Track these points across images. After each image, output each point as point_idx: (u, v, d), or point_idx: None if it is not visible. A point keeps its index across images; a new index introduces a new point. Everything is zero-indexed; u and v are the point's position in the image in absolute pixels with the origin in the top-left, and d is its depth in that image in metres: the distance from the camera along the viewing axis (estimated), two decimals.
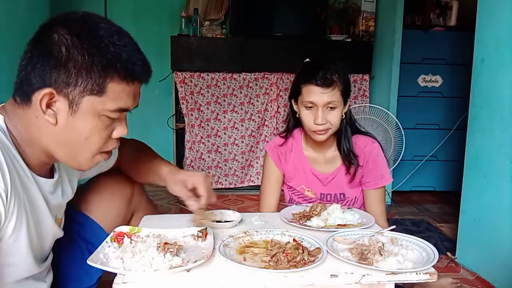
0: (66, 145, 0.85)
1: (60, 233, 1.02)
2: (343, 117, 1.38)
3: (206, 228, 1.05)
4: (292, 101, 1.44)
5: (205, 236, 1.01)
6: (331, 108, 1.33)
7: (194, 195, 1.09)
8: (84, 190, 1.21)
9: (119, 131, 0.88)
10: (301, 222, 1.17)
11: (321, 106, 1.31)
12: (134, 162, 1.21)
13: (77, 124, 0.81)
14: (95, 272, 1.12)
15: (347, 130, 1.42)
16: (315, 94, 1.31)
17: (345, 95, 1.36)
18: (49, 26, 0.80)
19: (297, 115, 1.41)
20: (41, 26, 0.81)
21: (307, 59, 1.43)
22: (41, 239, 0.93)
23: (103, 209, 1.18)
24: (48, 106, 0.80)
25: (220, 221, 1.15)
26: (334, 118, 1.34)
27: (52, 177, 0.95)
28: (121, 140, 1.23)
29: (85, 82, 0.78)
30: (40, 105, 0.79)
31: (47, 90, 0.78)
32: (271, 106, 3.14)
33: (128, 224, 1.24)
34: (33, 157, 0.87)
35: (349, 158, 1.42)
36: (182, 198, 1.09)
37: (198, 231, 1.04)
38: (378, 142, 1.47)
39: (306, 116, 1.35)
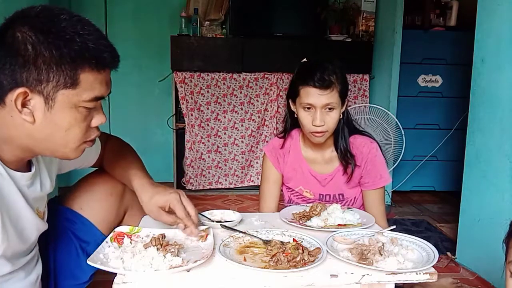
0: (46, 141, 0.84)
1: (44, 226, 1.01)
2: (341, 117, 1.38)
3: (208, 228, 1.05)
4: (290, 101, 1.43)
5: (206, 236, 1.01)
6: (329, 109, 1.32)
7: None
8: (76, 188, 1.21)
9: (98, 120, 0.89)
10: (301, 222, 1.17)
11: (319, 107, 1.31)
12: (112, 163, 1.21)
13: (55, 118, 0.81)
14: (89, 269, 1.12)
15: (344, 129, 1.42)
16: (313, 96, 1.30)
17: (343, 95, 1.35)
18: (9, 25, 0.78)
19: (295, 115, 1.40)
20: (0, 27, 0.80)
21: (304, 59, 1.43)
22: (21, 233, 0.93)
23: (95, 207, 1.18)
24: (24, 105, 0.79)
25: (220, 221, 1.15)
26: (332, 119, 1.33)
27: (29, 170, 0.95)
28: (105, 136, 1.22)
29: (57, 77, 0.78)
30: (16, 105, 0.78)
31: (20, 90, 0.77)
32: (271, 106, 3.14)
33: (121, 221, 1.25)
34: (9, 154, 0.87)
35: (346, 158, 1.41)
36: (168, 223, 1.06)
37: (201, 230, 1.04)
38: (377, 142, 1.46)
39: (305, 118, 1.35)
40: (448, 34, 3.12)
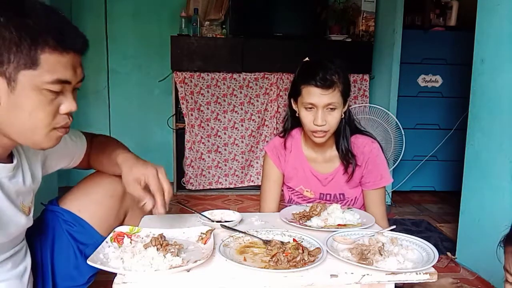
0: (14, 125, 0.83)
1: (28, 222, 1.00)
2: (343, 116, 1.38)
3: (209, 231, 1.04)
4: (291, 101, 1.43)
5: (206, 240, 1.00)
6: (331, 109, 1.32)
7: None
8: (75, 189, 1.20)
9: (66, 106, 0.86)
10: (301, 222, 1.17)
11: (321, 107, 1.30)
12: (99, 155, 1.20)
13: (19, 101, 0.81)
14: (87, 271, 1.13)
15: (346, 129, 1.42)
16: (315, 95, 1.30)
17: (345, 95, 1.35)
18: None
19: (297, 115, 1.40)
20: None
21: (306, 58, 1.42)
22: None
23: (94, 209, 1.17)
24: None
25: (220, 221, 1.15)
26: (334, 119, 1.33)
27: (11, 162, 0.94)
28: (90, 136, 1.22)
29: (17, 57, 0.78)
30: None
31: None
32: (271, 106, 3.14)
33: (122, 223, 1.24)
34: None
35: (347, 158, 1.41)
36: (137, 197, 1.05)
37: (201, 232, 1.03)
38: (378, 142, 1.46)
39: (306, 117, 1.34)
40: (448, 34, 3.12)
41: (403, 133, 2.80)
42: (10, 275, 0.97)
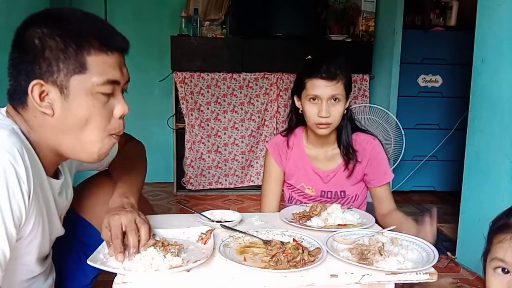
0: (70, 134, 0.84)
1: (62, 231, 1.03)
2: (345, 112, 1.40)
3: (209, 231, 1.04)
4: (295, 97, 1.45)
5: (206, 240, 1.00)
6: (334, 100, 1.35)
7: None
8: (80, 191, 1.20)
9: (119, 109, 0.88)
10: (301, 222, 1.17)
11: (325, 98, 1.34)
12: (118, 165, 1.18)
13: (73, 107, 0.82)
14: (90, 272, 1.14)
15: (348, 126, 1.45)
16: (319, 87, 1.34)
17: (348, 89, 1.39)
18: (21, 29, 0.83)
19: (300, 112, 1.42)
20: (15, 32, 0.84)
21: (309, 57, 1.46)
22: (50, 237, 0.95)
23: (98, 211, 1.15)
24: (42, 99, 0.81)
25: (220, 221, 1.14)
26: (337, 111, 1.36)
27: (58, 178, 0.96)
28: (123, 140, 1.21)
29: (66, 64, 0.80)
30: (34, 99, 0.80)
31: (34, 82, 0.80)
32: (271, 106, 3.14)
33: None
34: (45, 159, 0.89)
35: (348, 153, 1.44)
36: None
37: (201, 232, 1.03)
38: (379, 139, 1.49)
39: (311, 110, 1.37)
40: (448, 34, 3.12)
41: (403, 133, 2.80)
42: None
